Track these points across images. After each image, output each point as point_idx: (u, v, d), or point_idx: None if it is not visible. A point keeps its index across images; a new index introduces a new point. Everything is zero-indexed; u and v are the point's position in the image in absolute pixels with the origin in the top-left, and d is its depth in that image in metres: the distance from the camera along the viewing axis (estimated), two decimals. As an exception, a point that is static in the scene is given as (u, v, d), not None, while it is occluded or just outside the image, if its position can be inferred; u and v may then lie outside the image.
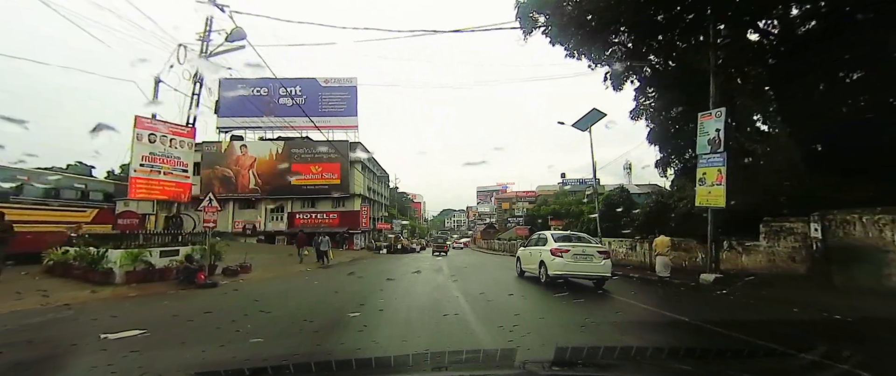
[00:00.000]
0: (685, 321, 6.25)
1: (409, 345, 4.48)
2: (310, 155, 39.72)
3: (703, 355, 3.24)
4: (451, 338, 4.94)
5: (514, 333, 4.98)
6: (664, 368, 2.61)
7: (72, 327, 6.01)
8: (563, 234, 11.71)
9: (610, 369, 2.41)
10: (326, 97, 41.36)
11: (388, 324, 5.74)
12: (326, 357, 3.68)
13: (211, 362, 3.79)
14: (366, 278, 13.79)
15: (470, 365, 2.58)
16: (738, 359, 3.32)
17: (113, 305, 7.74)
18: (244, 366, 2.43)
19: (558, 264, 9.81)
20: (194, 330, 5.61)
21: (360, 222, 39.89)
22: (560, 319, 6.58)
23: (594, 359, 2.69)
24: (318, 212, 40.48)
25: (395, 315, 6.42)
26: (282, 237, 39.46)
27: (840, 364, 3.36)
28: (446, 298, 8.37)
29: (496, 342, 4.58)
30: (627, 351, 3.19)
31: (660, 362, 2.82)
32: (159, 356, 4.15)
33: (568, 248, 9.95)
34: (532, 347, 4.35)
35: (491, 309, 7.13)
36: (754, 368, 2.93)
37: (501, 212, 79.85)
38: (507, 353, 2.85)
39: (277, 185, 39.50)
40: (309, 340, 4.86)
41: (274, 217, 40.51)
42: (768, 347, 4.40)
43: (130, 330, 4.97)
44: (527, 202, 76.49)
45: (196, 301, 8.26)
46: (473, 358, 2.81)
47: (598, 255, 10.04)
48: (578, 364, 2.37)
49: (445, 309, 6.72)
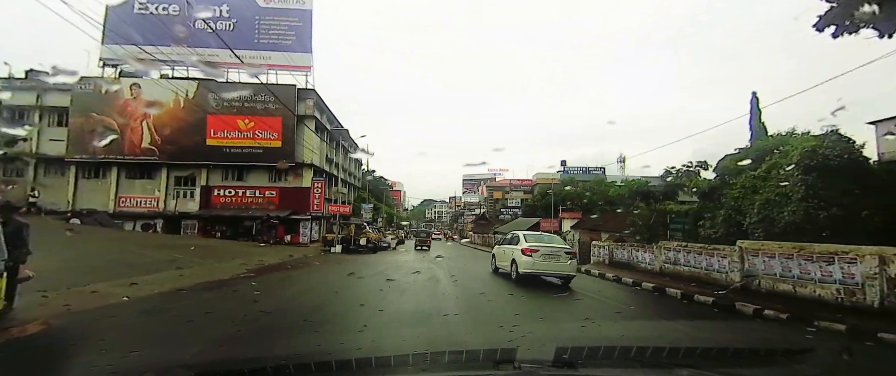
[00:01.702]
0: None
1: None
2: (237, 104, 27.29)
3: (703, 355, 3.28)
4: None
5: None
6: (664, 368, 2.59)
7: None
8: (535, 235, 12.43)
9: (610, 369, 2.45)
10: (268, 24, 28.88)
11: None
12: (326, 357, 3.52)
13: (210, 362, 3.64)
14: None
15: (470, 365, 2.56)
16: (738, 359, 3.29)
17: None
18: (244, 367, 2.50)
19: (527, 263, 10.24)
20: None
21: (310, 204, 27.84)
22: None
23: (594, 360, 2.73)
24: (249, 186, 28.16)
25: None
26: (190, 222, 27.05)
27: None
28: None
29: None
30: (627, 351, 3.03)
31: (660, 362, 2.78)
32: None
33: (538, 248, 10.38)
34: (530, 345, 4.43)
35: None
36: (755, 368, 3.00)
37: (492, 203, 68.82)
38: (507, 353, 2.81)
39: (186, 146, 26.95)
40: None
41: (180, 193, 27.92)
42: (769, 348, 4.55)
43: None
44: (522, 191, 65.81)
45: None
46: (473, 359, 2.70)
47: (565, 255, 10.47)
48: (578, 364, 2.33)
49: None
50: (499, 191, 68.70)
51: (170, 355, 4.04)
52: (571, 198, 46.72)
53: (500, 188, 68.83)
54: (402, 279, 10.91)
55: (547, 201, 48.03)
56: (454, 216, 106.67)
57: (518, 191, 65.93)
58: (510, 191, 66.02)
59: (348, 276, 11.91)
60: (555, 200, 42.41)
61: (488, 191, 69.99)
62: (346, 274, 12.59)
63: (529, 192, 65.33)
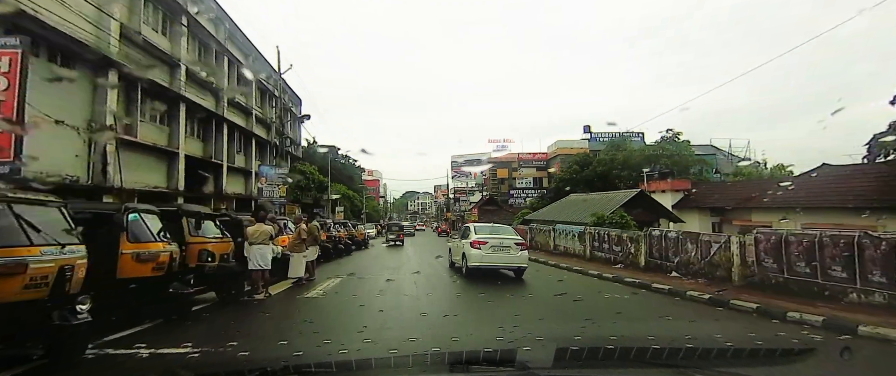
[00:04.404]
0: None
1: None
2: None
3: (703, 355, 3.21)
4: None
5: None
6: (664, 369, 2.55)
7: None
8: (485, 226, 11.99)
9: (610, 370, 2.46)
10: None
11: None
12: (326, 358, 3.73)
13: (210, 364, 4.01)
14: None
15: (469, 365, 2.41)
16: (739, 359, 3.22)
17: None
18: (244, 368, 2.57)
19: (477, 256, 10.01)
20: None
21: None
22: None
23: (594, 360, 2.72)
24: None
25: None
26: None
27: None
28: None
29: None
30: (627, 352, 2.97)
31: (660, 362, 2.71)
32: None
33: (486, 240, 10.17)
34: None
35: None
36: (755, 368, 2.94)
37: (494, 182, 52.60)
38: (507, 354, 2.66)
39: None
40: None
41: None
42: (770, 347, 4.52)
43: None
44: (534, 167, 49.81)
45: None
46: (473, 359, 2.45)
47: (515, 246, 10.31)
48: (578, 364, 2.40)
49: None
50: (504, 169, 52.42)
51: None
52: (624, 166, 30.97)
53: (505, 164, 52.49)
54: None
55: (587, 174, 32.12)
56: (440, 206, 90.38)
57: (529, 168, 49.84)
58: (520, 167, 49.77)
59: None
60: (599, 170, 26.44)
61: (492, 167, 53.49)
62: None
63: (541, 168, 49.49)
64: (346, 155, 51.80)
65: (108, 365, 4.09)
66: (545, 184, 49.06)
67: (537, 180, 49.60)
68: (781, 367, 3.42)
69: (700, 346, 4.12)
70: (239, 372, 2.37)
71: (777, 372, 3.27)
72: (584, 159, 34.05)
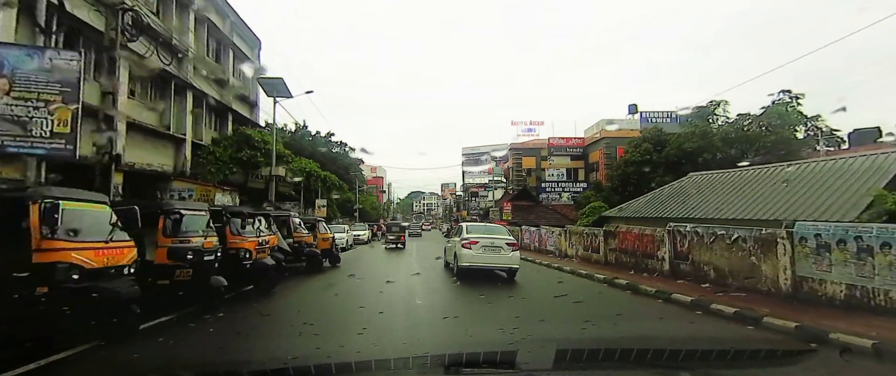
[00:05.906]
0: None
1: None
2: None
3: (703, 357, 3.17)
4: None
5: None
6: (664, 370, 2.50)
7: None
8: (479, 226, 12.32)
9: (610, 371, 2.45)
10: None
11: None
12: (326, 359, 3.53)
13: (212, 363, 3.92)
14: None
15: (469, 366, 2.43)
16: (739, 361, 3.21)
17: None
18: (243, 369, 2.67)
19: (468, 256, 9.91)
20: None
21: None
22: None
23: (594, 362, 2.69)
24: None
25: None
26: None
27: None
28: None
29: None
30: (627, 354, 2.94)
31: (660, 364, 2.70)
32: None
33: (477, 240, 10.05)
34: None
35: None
36: (754, 369, 2.98)
37: (518, 173, 43.09)
38: (508, 355, 2.70)
39: None
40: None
41: None
42: (769, 349, 4.41)
43: None
44: (567, 156, 40.27)
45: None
46: (473, 360, 2.53)
47: (506, 247, 10.09)
48: (579, 366, 2.39)
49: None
50: (530, 157, 42.88)
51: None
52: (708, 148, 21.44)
53: (532, 151, 42.93)
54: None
55: (670, 153, 22.69)
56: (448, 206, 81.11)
57: (562, 156, 40.31)
58: (550, 155, 40.23)
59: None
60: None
61: (513, 156, 43.88)
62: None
63: (577, 157, 39.96)
64: (341, 141, 42.90)
65: (108, 365, 4.01)
66: (580, 177, 39.60)
67: (571, 172, 40.13)
68: (781, 368, 3.39)
69: (701, 348, 3.84)
70: (238, 373, 2.52)
71: (777, 372, 3.27)
72: (657, 136, 24.50)
